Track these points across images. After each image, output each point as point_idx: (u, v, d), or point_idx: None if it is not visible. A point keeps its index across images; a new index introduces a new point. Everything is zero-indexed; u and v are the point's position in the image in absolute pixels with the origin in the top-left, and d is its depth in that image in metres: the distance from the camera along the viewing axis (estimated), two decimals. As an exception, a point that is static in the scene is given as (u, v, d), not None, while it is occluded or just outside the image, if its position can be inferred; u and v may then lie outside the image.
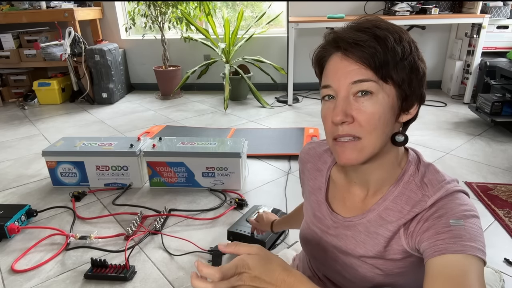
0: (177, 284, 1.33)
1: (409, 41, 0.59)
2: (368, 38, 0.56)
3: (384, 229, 0.64)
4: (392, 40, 0.56)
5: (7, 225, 1.58)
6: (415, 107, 0.62)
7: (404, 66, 0.57)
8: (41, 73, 4.27)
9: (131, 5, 3.85)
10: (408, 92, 0.59)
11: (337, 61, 0.58)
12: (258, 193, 1.96)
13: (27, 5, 3.69)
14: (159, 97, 4.01)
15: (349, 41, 0.56)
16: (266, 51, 3.96)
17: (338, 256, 0.71)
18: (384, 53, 0.55)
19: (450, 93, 3.62)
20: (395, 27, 0.59)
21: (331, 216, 0.71)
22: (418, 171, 0.64)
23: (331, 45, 0.60)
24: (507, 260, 1.39)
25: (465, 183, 1.95)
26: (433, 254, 0.53)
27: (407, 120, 0.63)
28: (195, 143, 2.02)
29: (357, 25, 0.59)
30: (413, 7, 3.23)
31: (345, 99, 0.57)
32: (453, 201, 0.58)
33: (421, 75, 0.60)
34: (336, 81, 0.58)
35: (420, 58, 0.60)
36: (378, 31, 0.56)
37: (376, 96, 0.57)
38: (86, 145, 2.03)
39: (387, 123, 0.59)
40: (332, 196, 0.73)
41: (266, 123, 3.05)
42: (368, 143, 0.58)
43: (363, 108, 0.57)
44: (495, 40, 3.26)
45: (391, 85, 0.57)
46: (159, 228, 1.64)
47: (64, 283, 1.36)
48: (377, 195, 0.66)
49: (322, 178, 0.75)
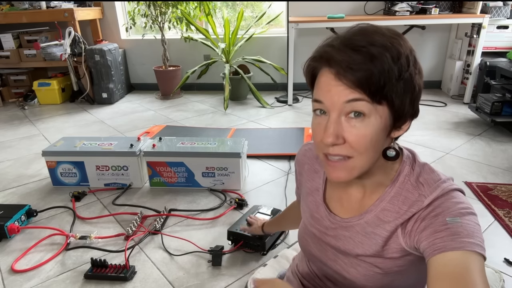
0: (177, 284, 1.33)
1: (407, 54, 0.55)
2: (362, 61, 0.53)
3: (381, 229, 0.64)
4: (389, 58, 0.53)
5: (7, 225, 1.58)
6: (408, 123, 0.61)
7: (400, 86, 0.55)
8: (41, 73, 4.27)
9: (131, 5, 3.85)
10: (401, 112, 0.57)
11: (331, 78, 0.55)
12: (258, 193, 1.96)
13: (27, 5, 3.69)
14: (159, 97, 4.01)
15: (341, 65, 0.53)
16: (266, 51, 3.96)
17: (337, 256, 0.72)
18: (379, 76, 0.53)
19: (450, 93, 3.63)
20: (393, 40, 0.55)
21: (329, 217, 0.72)
22: (413, 171, 0.64)
23: (322, 61, 0.57)
24: (507, 260, 1.39)
25: (465, 183, 1.95)
26: (433, 253, 0.54)
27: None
28: (195, 143, 2.02)
29: (350, 41, 0.55)
30: (413, 7, 3.23)
31: (337, 120, 0.56)
32: (450, 200, 0.58)
33: (417, 92, 0.58)
34: (329, 99, 0.56)
35: (418, 71, 0.57)
36: (374, 49, 0.53)
37: (369, 118, 0.55)
38: (86, 145, 2.03)
39: (379, 143, 0.58)
40: (329, 197, 0.74)
41: (266, 123, 3.05)
42: (359, 163, 0.58)
43: (355, 131, 0.55)
44: (495, 40, 3.26)
45: (384, 106, 0.56)
46: (159, 228, 1.64)
47: (64, 283, 1.36)
48: (374, 196, 0.66)
49: (320, 179, 0.75)
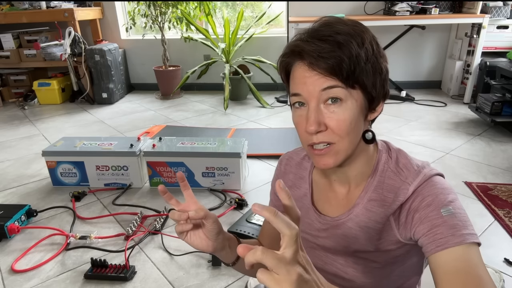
0: (177, 284, 1.33)
1: (370, 40, 0.59)
2: (331, 49, 0.55)
3: (373, 222, 0.65)
4: (355, 45, 0.56)
5: (7, 225, 1.58)
6: (381, 104, 0.64)
7: (369, 68, 0.58)
8: (41, 73, 4.27)
9: (131, 5, 3.85)
10: (374, 94, 0.61)
11: (304, 70, 0.58)
12: (258, 193, 1.96)
13: (27, 5, 3.69)
14: (159, 97, 4.01)
15: (313, 55, 0.56)
16: (266, 51, 3.96)
17: (334, 259, 0.72)
18: (349, 61, 0.56)
19: (450, 93, 3.62)
20: (356, 28, 0.58)
21: (319, 219, 0.72)
22: (390, 158, 0.67)
23: (295, 55, 0.60)
24: (507, 260, 1.39)
25: (465, 183, 1.95)
26: (436, 249, 0.55)
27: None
28: (195, 143, 2.02)
29: (317, 33, 0.58)
30: (413, 7, 3.23)
31: (316, 108, 0.58)
32: (435, 186, 0.61)
33: (384, 73, 0.61)
34: (306, 90, 0.58)
35: (382, 55, 0.61)
36: (340, 37, 0.56)
37: (345, 102, 0.58)
38: (86, 145, 2.03)
39: (358, 126, 0.61)
40: (317, 200, 0.74)
41: (266, 123, 3.05)
42: (343, 147, 0.60)
43: (334, 116, 0.58)
44: (495, 40, 3.26)
45: (358, 90, 0.59)
46: (159, 228, 1.64)
47: (64, 283, 1.36)
48: (358, 189, 0.68)
49: (306, 184, 0.76)
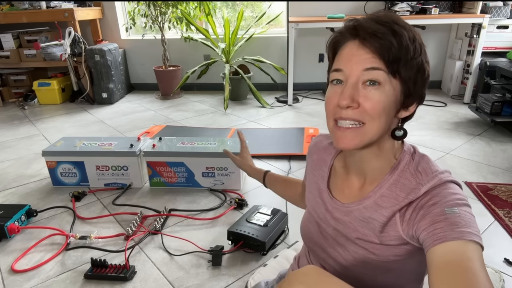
0: (177, 284, 1.34)
1: (420, 43, 0.62)
2: (386, 32, 0.59)
3: (379, 214, 0.66)
4: (407, 37, 0.60)
5: (7, 225, 1.58)
6: (414, 105, 0.66)
7: (413, 65, 0.61)
8: (41, 73, 4.27)
9: (131, 5, 3.86)
10: (411, 90, 0.63)
11: (353, 48, 0.61)
12: (258, 193, 1.96)
13: (27, 5, 3.69)
14: (159, 97, 4.01)
15: (368, 31, 0.60)
16: (266, 51, 3.96)
17: (337, 243, 0.74)
18: (398, 49, 0.59)
19: (450, 93, 3.62)
20: (411, 27, 0.62)
21: (331, 202, 0.75)
22: (413, 160, 0.67)
23: (349, 32, 0.63)
24: (507, 260, 1.39)
25: (465, 183, 1.95)
26: (434, 243, 0.55)
27: (405, 117, 0.67)
28: (195, 143, 2.02)
29: (377, 18, 0.62)
30: (413, 7, 3.23)
31: (354, 86, 0.61)
32: (446, 190, 0.61)
33: (426, 76, 0.64)
34: (349, 67, 0.61)
35: (427, 61, 0.64)
36: (396, 26, 0.60)
37: (383, 87, 0.60)
38: (86, 145, 2.03)
39: (390, 114, 0.63)
40: (333, 185, 0.77)
41: (266, 123, 3.05)
42: (371, 129, 0.62)
43: (370, 96, 0.60)
44: (495, 40, 3.26)
45: (398, 80, 0.61)
46: (159, 228, 1.64)
47: (64, 283, 1.36)
48: (373, 184, 0.69)
49: (326, 168, 0.79)
